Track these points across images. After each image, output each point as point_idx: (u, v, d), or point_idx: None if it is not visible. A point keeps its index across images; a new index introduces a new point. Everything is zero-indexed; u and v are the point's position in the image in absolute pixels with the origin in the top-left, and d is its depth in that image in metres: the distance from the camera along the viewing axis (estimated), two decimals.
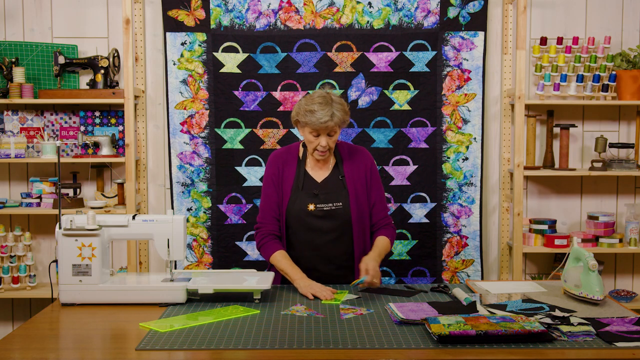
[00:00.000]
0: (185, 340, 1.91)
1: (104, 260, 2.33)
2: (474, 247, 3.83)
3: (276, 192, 2.68)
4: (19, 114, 3.79)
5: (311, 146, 2.60)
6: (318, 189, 2.64)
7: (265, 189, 2.71)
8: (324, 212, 2.60)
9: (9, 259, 3.68)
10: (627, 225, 3.76)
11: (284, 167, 2.69)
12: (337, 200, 2.62)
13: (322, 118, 2.50)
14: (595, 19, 3.86)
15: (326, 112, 2.50)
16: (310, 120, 2.51)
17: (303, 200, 2.62)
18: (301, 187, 2.64)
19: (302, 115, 2.55)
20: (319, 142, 2.56)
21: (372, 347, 1.85)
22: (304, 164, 2.69)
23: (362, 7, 3.74)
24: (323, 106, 2.52)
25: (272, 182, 2.69)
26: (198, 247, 3.82)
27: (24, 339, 1.97)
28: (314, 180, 2.67)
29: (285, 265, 2.56)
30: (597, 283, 2.21)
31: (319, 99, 2.54)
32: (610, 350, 1.82)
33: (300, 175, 2.66)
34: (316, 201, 2.61)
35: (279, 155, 2.74)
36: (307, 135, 2.58)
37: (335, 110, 2.53)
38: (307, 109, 2.53)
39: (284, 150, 2.77)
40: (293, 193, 2.64)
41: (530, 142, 3.81)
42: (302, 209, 2.61)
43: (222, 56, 3.75)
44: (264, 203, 2.71)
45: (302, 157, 2.70)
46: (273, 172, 2.70)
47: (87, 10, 3.83)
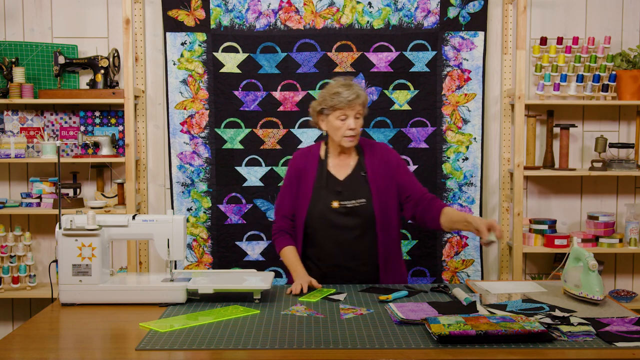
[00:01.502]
0: (185, 340, 1.91)
1: (104, 260, 2.33)
2: (474, 247, 3.83)
3: (291, 192, 2.73)
4: (19, 114, 3.79)
5: (339, 133, 2.62)
6: (341, 187, 2.66)
7: (282, 188, 2.79)
8: (347, 209, 2.63)
9: (9, 259, 3.68)
10: (627, 225, 3.76)
11: (305, 167, 2.73)
12: (360, 197, 2.64)
13: (349, 96, 2.58)
14: (595, 19, 3.86)
15: (352, 91, 2.60)
16: (338, 100, 2.58)
17: (327, 197, 2.65)
18: (324, 185, 2.67)
19: (328, 100, 2.61)
20: (347, 124, 2.60)
21: (372, 347, 1.85)
22: (325, 163, 2.72)
23: (362, 7, 3.74)
24: (347, 87, 2.61)
25: (290, 182, 2.75)
26: (198, 247, 3.82)
27: (24, 339, 1.97)
28: (336, 178, 2.69)
29: (289, 261, 2.65)
30: (597, 283, 2.21)
31: (340, 82, 2.65)
32: (610, 350, 1.82)
33: (323, 173, 2.69)
34: (340, 198, 2.64)
35: (300, 155, 2.81)
36: (334, 122, 2.62)
37: (359, 90, 2.63)
38: (331, 93, 2.61)
39: (305, 150, 2.83)
40: (315, 191, 2.67)
41: (530, 142, 3.81)
42: (326, 207, 2.64)
43: (222, 56, 3.75)
44: (278, 201, 2.80)
45: (324, 157, 2.74)
46: (292, 172, 2.76)
47: (87, 10, 3.83)
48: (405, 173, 2.74)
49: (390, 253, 2.69)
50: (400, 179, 2.71)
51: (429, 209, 2.65)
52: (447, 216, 2.59)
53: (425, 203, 2.67)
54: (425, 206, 2.66)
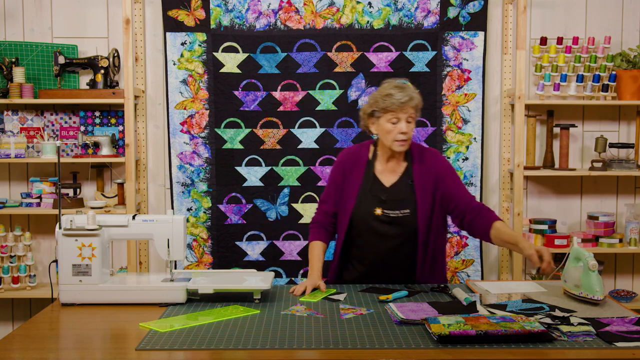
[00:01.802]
0: (185, 340, 1.91)
1: (104, 260, 2.33)
2: (474, 247, 3.83)
3: (335, 190, 2.68)
4: (19, 114, 3.79)
5: (390, 137, 2.52)
6: (386, 194, 2.58)
7: (328, 185, 2.73)
8: (390, 218, 2.56)
9: (9, 259, 3.68)
10: (627, 225, 3.76)
11: (352, 168, 2.66)
12: (404, 207, 2.56)
13: (402, 98, 2.48)
14: (595, 19, 3.86)
15: (405, 94, 2.49)
16: (391, 103, 2.48)
17: (370, 204, 2.57)
18: (369, 190, 2.59)
19: (380, 102, 2.51)
20: (399, 128, 2.50)
21: (372, 347, 1.85)
22: (372, 167, 2.63)
23: (362, 7, 3.74)
24: (400, 89, 2.51)
25: (335, 181, 2.69)
26: (198, 247, 3.82)
27: (24, 339, 1.97)
28: (382, 184, 2.61)
29: (311, 257, 2.64)
30: (597, 283, 2.21)
31: (393, 84, 2.55)
32: (610, 350, 1.82)
33: (369, 178, 2.61)
34: (384, 206, 2.56)
35: (348, 154, 2.72)
36: (385, 125, 2.52)
37: (413, 93, 2.52)
38: (383, 94, 2.51)
39: (354, 149, 2.74)
40: (360, 195, 2.60)
41: (530, 142, 3.81)
42: (369, 213, 2.57)
43: (222, 56, 3.75)
44: (323, 196, 2.74)
45: (371, 158, 2.65)
46: (339, 171, 2.69)
47: (87, 10, 3.83)
48: (452, 182, 2.62)
49: (428, 263, 2.61)
50: (447, 189, 2.60)
51: (478, 221, 2.56)
52: (497, 232, 2.49)
53: (474, 214, 2.56)
54: (474, 217, 2.56)
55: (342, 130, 3.79)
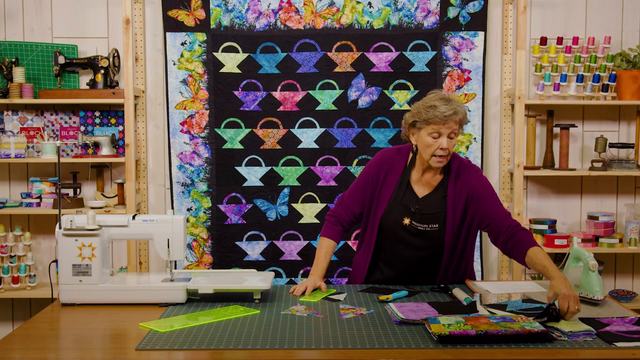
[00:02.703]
0: (185, 340, 1.91)
1: (104, 260, 2.33)
2: None
3: (366, 189, 2.59)
4: (19, 114, 3.79)
5: (429, 151, 2.42)
6: (417, 205, 2.51)
7: (361, 181, 2.62)
8: (418, 230, 2.50)
9: (9, 259, 3.68)
10: (627, 225, 3.76)
11: (389, 171, 2.57)
12: (434, 222, 2.49)
13: (446, 112, 2.36)
14: (595, 19, 3.86)
15: (450, 107, 2.38)
16: (434, 115, 2.37)
17: (400, 212, 2.51)
18: (401, 198, 2.52)
19: (422, 113, 2.41)
20: (440, 144, 2.40)
21: (372, 347, 1.85)
22: (408, 174, 2.55)
23: (362, 7, 3.74)
24: (445, 102, 2.40)
25: (369, 180, 2.59)
26: (198, 247, 3.82)
27: (24, 339, 1.97)
28: (415, 194, 2.53)
29: (317, 254, 2.61)
30: (597, 283, 2.21)
31: (438, 96, 2.43)
32: (610, 350, 1.82)
33: (403, 186, 2.54)
34: (412, 217, 2.49)
35: (387, 156, 2.62)
36: (426, 139, 2.42)
37: (458, 107, 2.40)
38: (427, 105, 2.41)
39: (394, 150, 2.63)
40: (391, 202, 2.53)
41: (530, 142, 3.81)
42: (397, 221, 2.51)
43: (222, 56, 3.75)
44: (352, 191, 2.64)
45: (409, 165, 2.56)
46: (376, 172, 2.59)
47: (87, 10, 3.83)
48: (488, 201, 2.49)
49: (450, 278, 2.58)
50: (482, 208, 2.48)
51: (511, 245, 2.41)
52: (530, 260, 2.34)
53: (508, 235, 2.42)
54: (507, 240, 2.42)
55: (342, 130, 3.79)
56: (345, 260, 3.79)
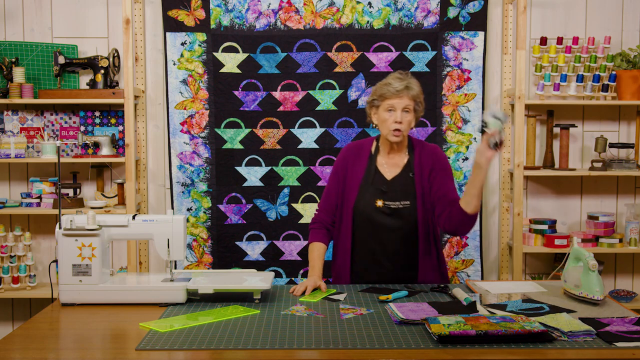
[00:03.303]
0: (185, 340, 1.91)
1: (104, 260, 2.33)
2: (474, 247, 3.83)
3: (337, 186, 2.71)
4: (19, 114, 3.79)
5: (385, 126, 2.58)
6: (387, 186, 2.63)
7: (330, 180, 2.76)
8: (391, 209, 2.60)
9: (9, 259, 3.68)
10: (627, 225, 3.76)
11: (354, 161, 2.70)
12: (405, 198, 2.61)
13: (398, 87, 2.55)
14: (595, 19, 3.86)
15: (402, 83, 2.57)
16: (387, 91, 2.56)
17: (371, 196, 2.62)
18: (370, 182, 2.64)
19: (378, 90, 2.60)
20: (395, 117, 2.55)
21: (372, 347, 1.85)
22: (375, 160, 2.69)
23: (362, 7, 3.74)
24: (399, 79, 2.59)
25: (337, 175, 2.72)
26: (198, 247, 3.82)
27: (24, 339, 1.97)
28: (384, 177, 2.66)
29: (311, 258, 2.66)
30: (597, 283, 2.21)
31: (395, 75, 2.63)
32: (610, 350, 1.82)
33: (371, 170, 2.66)
34: (384, 198, 2.61)
35: (350, 149, 2.76)
36: (382, 114, 2.59)
37: (412, 83, 2.59)
38: (382, 83, 2.61)
39: (357, 144, 2.78)
40: (362, 188, 2.65)
41: (530, 142, 3.81)
42: (370, 205, 2.61)
43: (222, 56, 3.75)
44: (325, 193, 2.77)
45: (374, 152, 2.70)
46: (341, 165, 2.73)
47: (87, 10, 3.83)
48: (445, 176, 2.64)
49: (430, 254, 2.64)
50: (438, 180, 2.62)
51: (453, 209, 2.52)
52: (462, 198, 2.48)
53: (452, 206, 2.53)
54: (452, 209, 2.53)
55: (342, 130, 3.79)
56: None
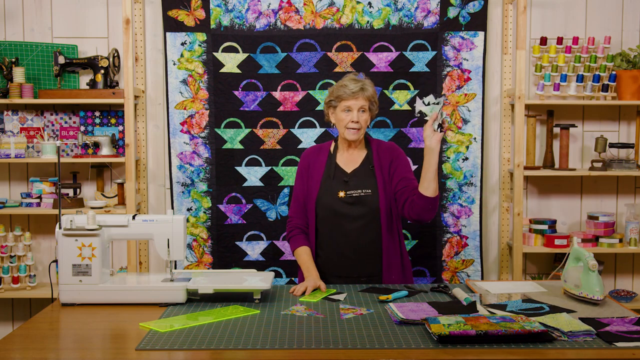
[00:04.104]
0: (185, 340, 1.91)
1: (104, 260, 2.33)
2: (474, 247, 3.83)
3: (302, 188, 2.81)
4: (19, 114, 3.79)
5: (342, 124, 2.71)
6: (348, 178, 2.74)
7: (295, 184, 2.87)
8: (353, 198, 2.70)
9: (9, 259, 3.68)
10: (627, 225, 3.76)
11: (315, 160, 2.82)
12: (366, 187, 2.71)
13: (354, 88, 2.67)
14: (595, 19, 3.86)
15: (357, 85, 2.69)
16: (343, 92, 2.68)
17: (334, 187, 2.73)
18: (332, 176, 2.75)
19: (334, 91, 2.72)
20: (351, 117, 2.68)
21: (372, 347, 1.85)
22: (334, 158, 2.80)
23: (362, 7, 3.74)
24: (354, 81, 2.72)
25: (301, 176, 2.84)
26: (198, 247, 3.82)
27: (24, 339, 1.97)
28: (344, 170, 2.77)
29: (302, 262, 2.70)
30: (597, 283, 2.21)
31: (350, 77, 2.75)
32: (610, 350, 1.83)
33: (332, 166, 2.78)
34: (346, 188, 2.71)
35: (310, 151, 2.90)
36: (340, 114, 2.71)
37: (367, 85, 2.71)
38: (339, 85, 2.74)
39: (315, 147, 2.92)
40: (323, 182, 2.75)
41: (530, 142, 3.81)
42: (333, 196, 2.71)
43: (222, 56, 3.75)
44: (293, 197, 2.87)
45: (332, 152, 2.82)
46: (303, 166, 2.85)
47: (87, 10, 3.83)
48: (405, 168, 2.77)
49: (393, 246, 2.72)
50: (400, 172, 2.74)
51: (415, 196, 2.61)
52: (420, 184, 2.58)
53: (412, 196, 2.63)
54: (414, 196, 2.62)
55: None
56: None
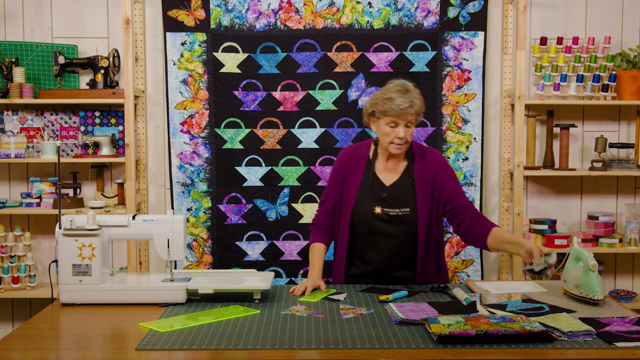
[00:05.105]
0: (185, 340, 1.91)
1: (104, 260, 2.33)
2: (473, 247, 3.82)
3: (336, 189, 2.66)
4: (19, 114, 3.79)
5: (387, 139, 2.51)
6: (386, 193, 2.57)
7: (329, 183, 2.71)
8: (390, 216, 2.55)
9: (9, 259, 3.68)
10: (627, 225, 3.76)
11: (353, 167, 2.64)
12: (404, 205, 2.55)
13: (402, 105, 2.44)
14: (595, 19, 3.86)
15: (405, 99, 2.46)
16: (390, 108, 2.45)
17: (370, 202, 2.56)
18: (369, 188, 2.58)
19: (379, 104, 2.48)
20: (397, 133, 2.48)
21: (372, 347, 1.85)
22: (373, 165, 2.62)
23: (362, 7, 3.74)
24: (402, 94, 2.47)
25: (336, 180, 2.67)
26: (198, 247, 3.82)
27: (24, 339, 1.97)
28: (383, 183, 2.60)
29: (311, 258, 2.63)
30: (597, 283, 2.21)
31: (396, 87, 2.50)
32: (610, 350, 1.82)
33: (369, 177, 2.60)
34: (383, 205, 2.55)
35: (348, 152, 2.70)
36: (384, 128, 2.50)
37: (415, 98, 2.48)
38: (384, 97, 2.48)
39: (354, 147, 2.72)
40: (360, 194, 2.59)
41: (530, 142, 3.81)
42: (369, 211, 2.56)
43: (222, 56, 3.75)
44: (324, 195, 2.72)
45: (372, 157, 2.64)
46: (339, 168, 2.67)
47: (87, 10, 3.83)
48: (452, 183, 2.61)
49: (428, 263, 2.61)
50: (448, 189, 2.58)
51: (475, 226, 2.53)
52: (495, 235, 2.46)
53: (472, 219, 2.55)
54: (472, 223, 2.54)
55: (342, 130, 3.79)
56: None
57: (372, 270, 2.62)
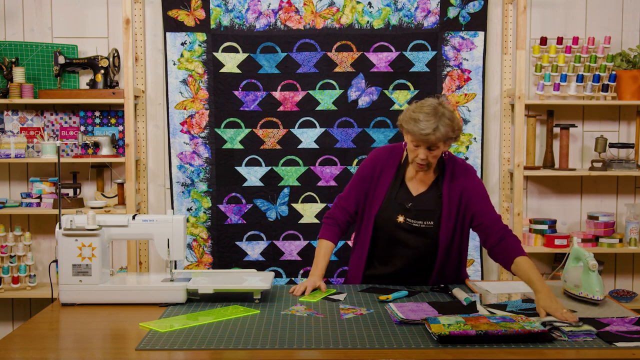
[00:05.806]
0: (185, 340, 1.91)
1: (104, 260, 2.33)
2: (474, 247, 3.82)
3: (362, 188, 2.59)
4: (19, 114, 3.79)
5: (411, 155, 2.43)
6: (412, 203, 2.50)
7: (355, 180, 2.63)
8: (412, 227, 2.49)
9: (9, 259, 3.68)
10: (627, 225, 3.76)
11: (383, 169, 2.56)
12: (429, 218, 2.48)
13: (425, 130, 2.32)
14: (595, 19, 3.86)
15: (430, 124, 2.32)
16: (412, 130, 2.34)
17: (394, 210, 2.51)
18: (395, 195, 2.52)
19: (405, 122, 2.39)
20: (418, 154, 2.39)
21: (372, 347, 1.85)
22: (403, 171, 2.55)
23: (362, 7, 3.74)
24: (429, 117, 2.33)
25: (363, 179, 2.59)
26: (198, 247, 3.82)
27: (24, 339, 1.97)
28: (410, 192, 2.53)
29: (317, 255, 2.60)
30: (597, 283, 2.21)
31: (428, 108, 2.36)
32: (610, 350, 1.82)
33: (397, 183, 2.53)
34: (407, 215, 2.49)
35: (382, 153, 2.62)
36: (409, 144, 2.42)
37: (441, 124, 2.33)
38: (412, 117, 2.36)
39: (388, 149, 2.63)
40: (385, 200, 2.53)
41: (530, 142, 3.81)
42: (391, 219, 2.50)
43: (222, 56, 3.75)
44: (347, 191, 2.64)
45: (403, 162, 2.56)
46: (369, 171, 2.58)
47: (87, 10, 3.83)
48: (481, 200, 2.50)
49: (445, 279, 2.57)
50: (475, 206, 2.49)
51: (500, 250, 2.42)
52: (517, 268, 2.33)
53: (497, 239, 2.43)
54: (496, 244, 2.43)
55: (342, 130, 3.79)
56: (345, 260, 3.79)
57: (389, 273, 2.59)
